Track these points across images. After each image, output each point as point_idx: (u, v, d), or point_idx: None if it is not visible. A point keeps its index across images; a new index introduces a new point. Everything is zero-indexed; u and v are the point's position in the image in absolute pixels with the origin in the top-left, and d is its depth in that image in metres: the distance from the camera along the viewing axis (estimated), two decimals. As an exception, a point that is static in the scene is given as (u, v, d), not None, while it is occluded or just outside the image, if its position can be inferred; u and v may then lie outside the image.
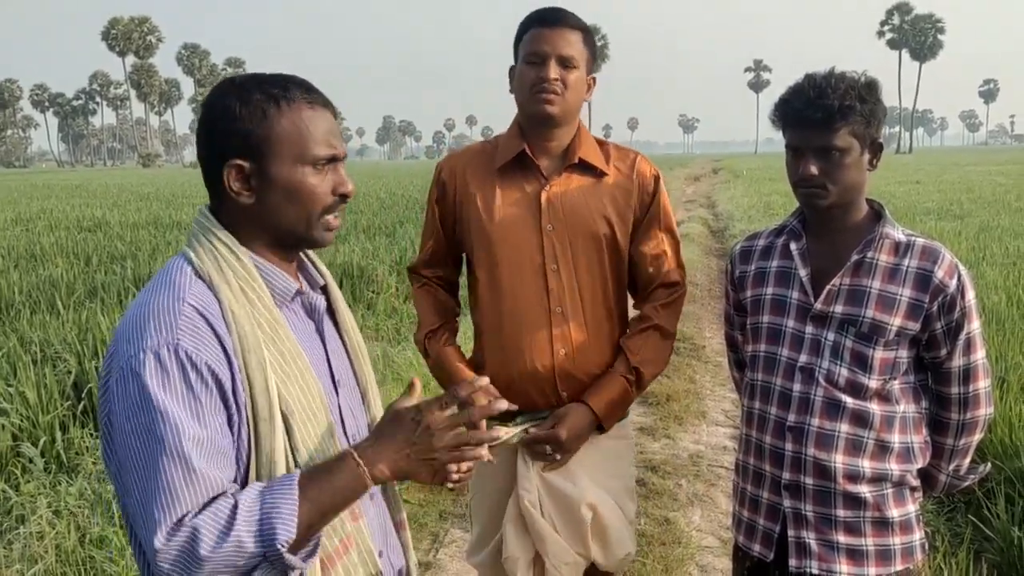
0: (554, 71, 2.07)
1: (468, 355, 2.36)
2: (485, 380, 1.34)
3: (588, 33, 2.14)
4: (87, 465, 4.11)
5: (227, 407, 1.24)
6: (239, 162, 1.29)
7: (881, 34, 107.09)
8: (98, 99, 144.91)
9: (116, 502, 3.56)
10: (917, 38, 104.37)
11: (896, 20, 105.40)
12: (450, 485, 1.34)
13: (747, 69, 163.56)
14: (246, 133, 1.28)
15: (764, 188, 24.61)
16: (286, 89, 1.31)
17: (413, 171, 46.76)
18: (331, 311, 1.51)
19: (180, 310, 1.22)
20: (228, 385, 1.23)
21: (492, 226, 2.16)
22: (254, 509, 1.17)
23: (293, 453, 1.29)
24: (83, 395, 4.97)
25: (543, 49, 2.07)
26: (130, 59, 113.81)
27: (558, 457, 2.17)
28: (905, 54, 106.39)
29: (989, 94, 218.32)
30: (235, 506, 1.16)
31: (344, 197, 1.36)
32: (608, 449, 2.28)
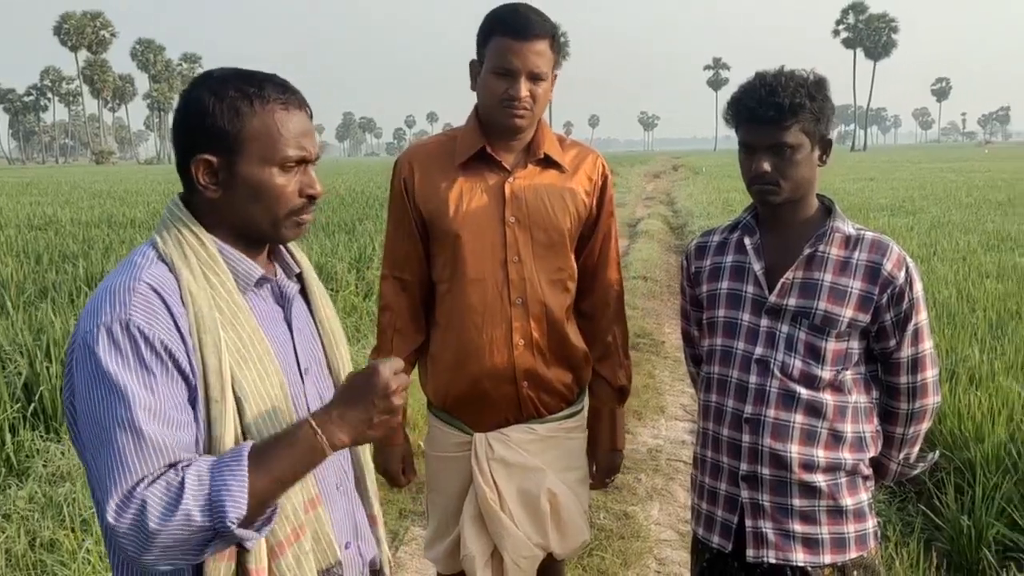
0: (525, 88, 2.05)
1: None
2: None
3: (555, 37, 2.11)
4: (37, 468, 4.03)
5: (187, 384, 1.25)
6: (207, 157, 1.31)
7: (836, 33, 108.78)
8: (50, 95, 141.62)
9: (67, 505, 3.50)
10: (871, 37, 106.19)
11: (851, 19, 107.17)
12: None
13: (706, 67, 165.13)
14: (216, 129, 1.30)
15: (723, 185, 24.88)
16: (261, 88, 1.32)
17: (374, 168, 46.49)
18: (307, 299, 1.52)
19: (135, 288, 1.24)
20: (184, 362, 1.24)
21: (455, 219, 2.15)
22: (204, 483, 1.17)
23: (244, 436, 1.29)
24: (34, 397, 4.86)
25: (514, 64, 2.03)
26: (83, 54, 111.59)
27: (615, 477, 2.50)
28: (860, 53, 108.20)
29: (941, 92, 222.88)
30: (183, 480, 1.17)
31: (312, 198, 1.38)
32: (567, 444, 2.31)
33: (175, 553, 1.16)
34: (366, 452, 1.61)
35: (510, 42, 2.03)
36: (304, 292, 1.52)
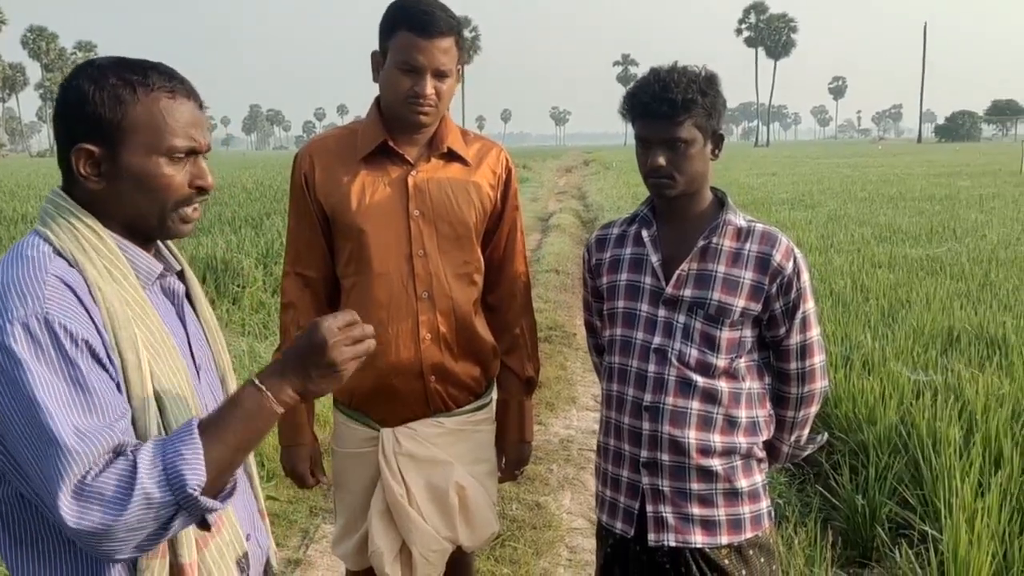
0: (430, 86, 2.03)
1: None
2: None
3: (460, 33, 2.09)
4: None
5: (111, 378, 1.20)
6: (88, 147, 1.26)
7: (739, 32, 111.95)
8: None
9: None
10: (772, 36, 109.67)
11: (753, 19, 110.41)
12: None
13: (616, 63, 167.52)
14: (97, 118, 1.25)
15: (633, 179, 25.25)
16: (145, 76, 1.27)
17: (282, 162, 45.49)
18: (188, 297, 1.49)
19: (44, 279, 1.18)
20: (104, 358, 1.20)
21: (358, 213, 2.13)
22: (156, 460, 1.13)
23: (166, 432, 1.25)
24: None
25: (418, 62, 2.01)
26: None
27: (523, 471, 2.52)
28: (761, 52, 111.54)
29: (838, 91, 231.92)
30: (135, 462, 1.13)
31: (202, 190, 1.34)
32: (475, 437, 2.32)
33: (140, 537, 1.12)
34: None
35: (415, 39, 2.00)
36: (187, 294, 1.50)
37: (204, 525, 1.21)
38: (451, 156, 2.20)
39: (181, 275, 1.48)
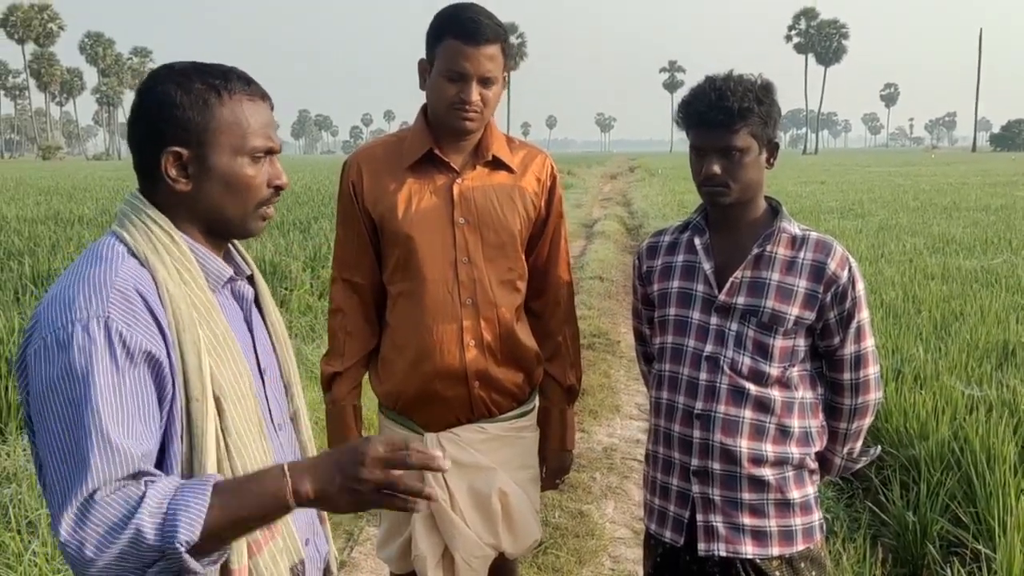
0: (476, 93, 2.05)
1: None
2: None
3: (506, 40, 2.11)
4: (-20, 470, 3.93)
5: (160, 386, 1.22)
6: (177, 149, 1.29)
7: (789, 38, 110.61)
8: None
9: (12, 507, 3.42)
10: (823, 43, 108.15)
11: (803, 25, 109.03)
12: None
13: (662, 70, 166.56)
14: (186, 121, 1.28)
15: (678, 187, 25.13)
16: (227, 80, 1.32)
17: (329, 166, 46.03)
18: (257, 303, 1.51)
19: (112, 283, 1.20)
20: (164, 362, 1.22)
21: (404, 220, 2.15)
22: (163, 502, 1.13)
23: (224, 435, 1.27)
24: (-23, 397, 4.73)
25: (465, 69, 2.02)
26: (30, 47, 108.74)
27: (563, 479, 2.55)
28: (811, 58, 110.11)
29: (890, 98, 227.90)
30: (143, 495, 1.13)
31: (279, 189, 1.38)
32: (519, 443, 2.32)
33: (117, 569, 1.12)
34: (313, 449, 1.60)
35: (461, 46, 2.02)
36: (256, 298, 1.52)
37: None
38: (496, 164, 2.21)
39: (251, 280, 1.50)
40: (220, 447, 1.27)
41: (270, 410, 1.42)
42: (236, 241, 1.47)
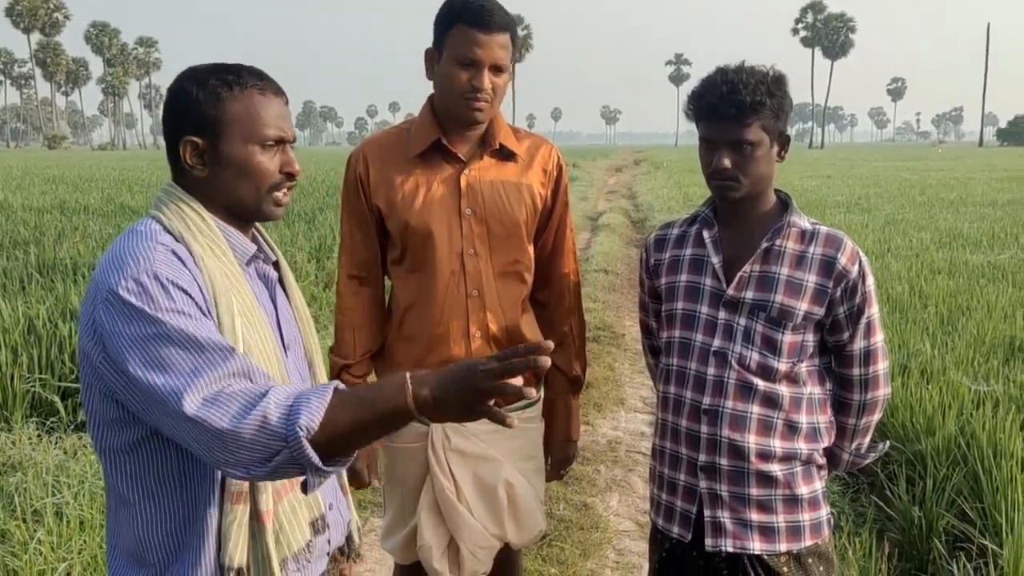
0: (487, 81, 2.04)
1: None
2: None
3: (515, 29, 2.10)
4: (-13, 458, 3.93)
5: None
6: (194, 139, 1.43)
7: (795, 32, 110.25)
8: (1, 77, 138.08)
9: (18, 495, 3.42)
10: (829, 36, 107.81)
11: (810, 18, 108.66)
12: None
13: (668, 62, 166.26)
14: (200, 113, 1.42)
15: (684, 180, 25.08)
16: (239, 75, 1.45)
17: (335, 157, 46.03)
18: (281, 285, 1.62)
19: (155, 247, 1.34)
20: (206, 312, 1.34)
21: (411, 211, 2.14)
22: (289, 397, 1.23)
23: None
24: (-17, 386, 4.74)
25: (477, 55, 2.01)
26: (35, 36, 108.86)
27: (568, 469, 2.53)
28: (818, 52, 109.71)
29: (896, 92, 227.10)
30: (267, 391, 1.23)
31: (291, 175, 1.50)
32: (524, 434, 2.31)
33: (245, 455, 1.21)
34: None
35: (474, 33, 2.01)
36: (280, 280, 1.62)
37: (304, 487, 1.27)
38: (503, 153, 2.20)
39: (276, 266, 1.61)
40: None
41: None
42: (262, 229, 1.59)
